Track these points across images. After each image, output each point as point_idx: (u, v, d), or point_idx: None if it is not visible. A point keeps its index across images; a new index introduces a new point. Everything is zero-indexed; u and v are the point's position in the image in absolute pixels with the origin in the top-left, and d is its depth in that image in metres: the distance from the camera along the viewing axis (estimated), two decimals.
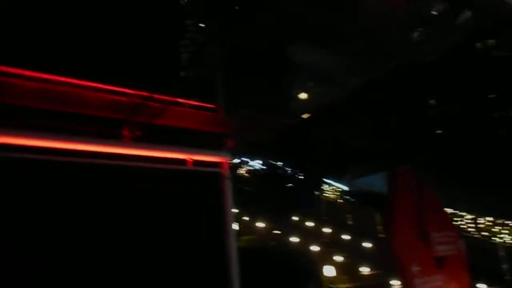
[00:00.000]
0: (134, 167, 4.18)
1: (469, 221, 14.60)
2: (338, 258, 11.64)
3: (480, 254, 11.75)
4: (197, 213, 4.49)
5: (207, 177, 4.75)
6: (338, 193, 16.52)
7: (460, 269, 5.63)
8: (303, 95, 9.73)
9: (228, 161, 5.06)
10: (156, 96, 4.76)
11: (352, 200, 16.36)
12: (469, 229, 14.17)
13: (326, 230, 15.03)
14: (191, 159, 4.65)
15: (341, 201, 16.28)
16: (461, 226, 14.11)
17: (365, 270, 10.98)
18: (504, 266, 11.75)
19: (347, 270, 10.66)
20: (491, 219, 14.71)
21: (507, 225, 14.07)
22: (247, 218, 13.38)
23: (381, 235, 14.61)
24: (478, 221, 14.65)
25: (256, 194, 15.92)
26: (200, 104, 5.40)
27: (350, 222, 16.23)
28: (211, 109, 5.35)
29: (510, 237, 13.71)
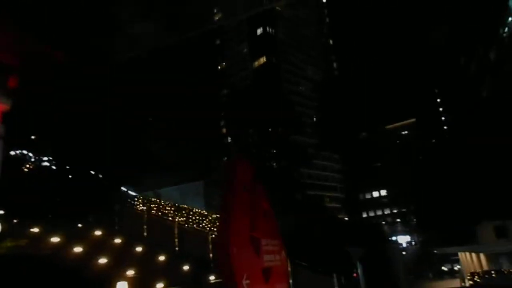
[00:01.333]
0: None
1: None
2: (130, 272, 10.01)
3: None
4: None
5: None
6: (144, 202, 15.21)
7: (282, 283, 5.13)
8: None
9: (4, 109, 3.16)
10: None
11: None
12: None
13: (118, 240, 13.13)
14: None
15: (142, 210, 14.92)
16: None
17: (159, 286, 9.74)
18: None
19: (140, 286, 9.19)
20: None
21: None
22: (16, 220, 10.26)
23: (177, 249, 13.91)
24: None
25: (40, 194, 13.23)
26: None
27: (145, 234, 14.87)
28: None
29: None
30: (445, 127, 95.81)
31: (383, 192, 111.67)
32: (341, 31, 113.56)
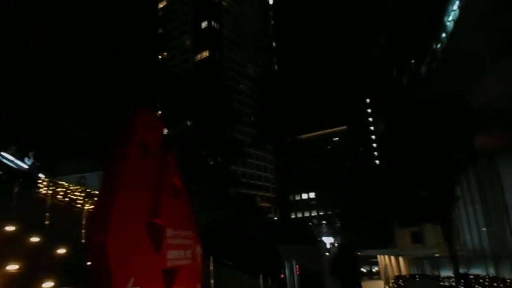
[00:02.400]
0: None
1: None
2: (12, 267, 8.17)
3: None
4: None
5: None
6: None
7: (191, 287, 3.77)
8: None
9: None
10: None
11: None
12: None
13: (10, 228, 11.03)
14: None
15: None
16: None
17: (48, 285, 7.95)
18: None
19: (19, 284, 7.41)
20: None
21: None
22: None
23: (83, 241, 12.01)
24: None
25: None
26: None
27: (46, 222, 12.79)
28: None
29: None
30: (373, 137, 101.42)
31: (312, 195, 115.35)
32: (284, 35, 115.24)
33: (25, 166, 13.97)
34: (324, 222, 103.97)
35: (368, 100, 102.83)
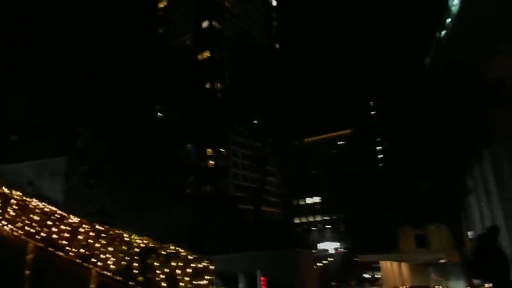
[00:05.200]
0: None
1: None
2: None
3: None
4: None
5: None
6: None
7: None
8: None
9: None
10: None
11: None
12: None
13: None
14: None
15: None
16: None
17: None
18: None
19: None
20: None
21: None
22: None
23: None
24: None
25: None
26: None
27: None
28: None
29: None
30: (378, 140, 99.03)
31: (317, 199, 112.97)
32: (288, 36, 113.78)
33: None
34: (328, 226, 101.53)
35: (371, 103, 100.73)
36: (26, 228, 7.69)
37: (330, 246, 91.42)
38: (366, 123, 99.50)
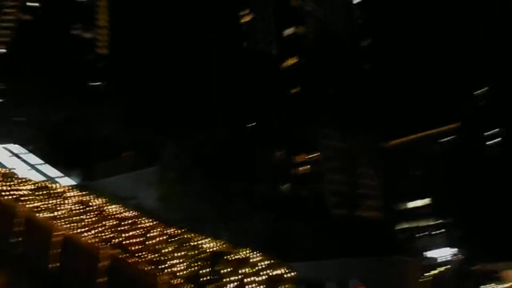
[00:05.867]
0: None
1: None
2: None
3: None
4: None
5: None
6: None
7: None
8: None
9: None
10: None
11: None
12: None
13: None
14: None
15: None
16: None
17: None
18: None
19: None
20: None
21: None
22: None
23: None
24: None
25: None
26: None
27: None
28: None
29: None
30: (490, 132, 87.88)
31: (425, 202, 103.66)
32: (374, 34, 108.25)
33: None
34: (438, 231, 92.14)
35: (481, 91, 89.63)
36: (100, 234, 7.69)
37: (440, 254, 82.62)
38: (474, 114, 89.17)
